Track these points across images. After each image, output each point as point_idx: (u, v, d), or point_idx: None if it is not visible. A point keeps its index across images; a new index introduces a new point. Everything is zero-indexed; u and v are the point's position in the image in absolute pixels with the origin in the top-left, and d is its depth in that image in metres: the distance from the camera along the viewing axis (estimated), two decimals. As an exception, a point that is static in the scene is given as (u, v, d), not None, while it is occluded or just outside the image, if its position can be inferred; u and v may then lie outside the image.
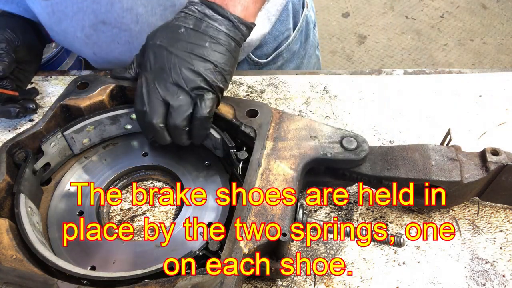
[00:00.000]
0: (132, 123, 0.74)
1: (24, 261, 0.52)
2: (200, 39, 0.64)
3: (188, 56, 0.63)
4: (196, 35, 0.64)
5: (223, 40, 0.65)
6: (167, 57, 0.64)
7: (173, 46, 0.64)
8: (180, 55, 0.63)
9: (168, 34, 0.65)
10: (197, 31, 0.64)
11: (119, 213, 0.68)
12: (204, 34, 0.64)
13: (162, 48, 0.64)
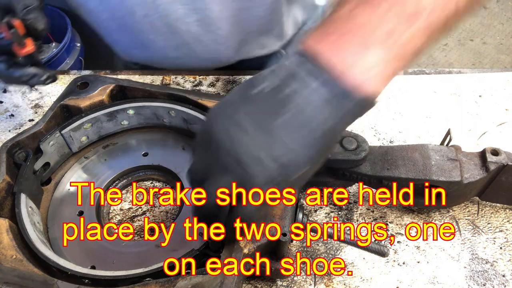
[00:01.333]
0: (128, 119, 0.74)
1: (24, 261, 0.52)
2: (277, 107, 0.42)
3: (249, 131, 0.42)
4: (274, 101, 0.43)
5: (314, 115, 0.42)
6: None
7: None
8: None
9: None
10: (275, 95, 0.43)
11: (119, 213, 0.68)
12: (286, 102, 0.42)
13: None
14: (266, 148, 0.42)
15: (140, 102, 0.72)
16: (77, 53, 1.76)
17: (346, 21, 0.43)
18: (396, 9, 0.42)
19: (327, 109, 0.42)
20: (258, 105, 0.42)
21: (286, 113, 0.42)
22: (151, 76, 0.90)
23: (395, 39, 0.42)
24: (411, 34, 0.42)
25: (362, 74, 0.42)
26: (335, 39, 0.42)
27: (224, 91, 0.87)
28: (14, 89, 0.89)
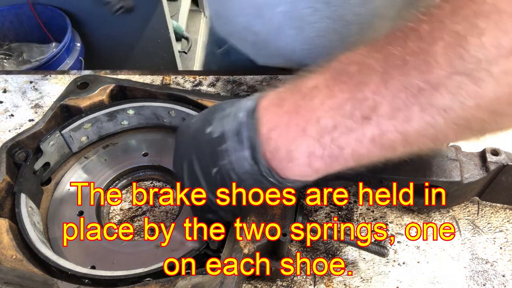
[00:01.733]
0: (128, 119, 0.74)
1: (24, 261, 0.52)
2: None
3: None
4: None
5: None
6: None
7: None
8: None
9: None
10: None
11: (119, 213, 0.68)
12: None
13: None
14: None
15: (140, 102, 0.72)
16: (77, 53, 1.76)
17: (302, 97, 0.41)
18: (350, 105, 0.37)
19: (251, 178, 0.45)
20: (204, 150, 0.47)
21: (220, 166, 0.45)
22: (151, 76, 0.90)
23: (333, 137, 0.39)
24: (354, 138, 0.38)
25: (287, 160, 0.42)
26: (280, 113, 0.42)
27: (224, 91, 0.87)
28: (14, 89, 0.89)
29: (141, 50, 1.99)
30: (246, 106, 0.45)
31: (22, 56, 1.84)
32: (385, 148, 0.38)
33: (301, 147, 0.40)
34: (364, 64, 0.37)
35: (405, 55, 0.35)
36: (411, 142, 0.37)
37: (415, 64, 0.34)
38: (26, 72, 0.94)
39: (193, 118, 0.53)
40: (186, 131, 0.52)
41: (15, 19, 1.85)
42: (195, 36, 2.71)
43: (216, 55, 1.03)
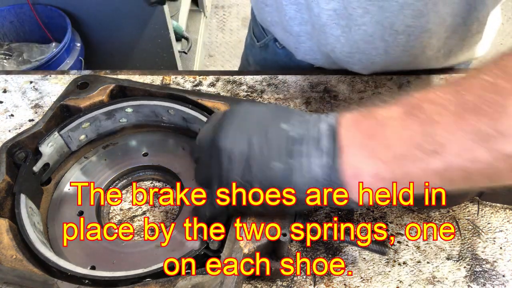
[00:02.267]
0: (127, 117, 0.74)
1: (24, 261, 0.52)
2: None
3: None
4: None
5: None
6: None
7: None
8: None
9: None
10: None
11: (119, 213, 0.68)
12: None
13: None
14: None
15: (138, 100, 0.72)
16: (77, 53, 1.76)
17: (377, 123, 0.45)
18: (421, 138, 0.41)
19: (316, 185, 0.46)
20: (273, 142, 0.47)
21: (287, 163, 0.46)
22: (151, 76, 0.90)
23: (400, 164, 0.43)
24: (419, 167, 0.42)
25: (353, 176, 0.44)
26: (357, 133, 0.45)
27: (224, 91, 0.87)
28: (14, 89, 0.89)
29: (141, 50, 1.99)
30: (328, 120, 0.48)
31: (22, 56, 1.84)
32: (445, 181, 0.42)
33: (370, 167, 0.43)
34: (438, 104, 0.41)
35: (480, 103, 0.39)
36: (471, 179, 0.42)
37: (488, 113, 0.39)
38: (26, 72, 0.94)
39: (251, 103, 0.53)
40: (248, 113, 0.51)
41: (15, 19, 1.85)
42: (195, 36, 2.71)
43: (255, 47, 1.04)
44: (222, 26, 3.05)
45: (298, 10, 0.81)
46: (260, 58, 1.05)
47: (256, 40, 1.04)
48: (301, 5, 0.79)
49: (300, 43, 0.86)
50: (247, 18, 3.04)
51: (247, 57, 1.11)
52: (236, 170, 0.48)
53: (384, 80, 0.88)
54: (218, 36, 2.98)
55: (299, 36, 0.85)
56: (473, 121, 0.39)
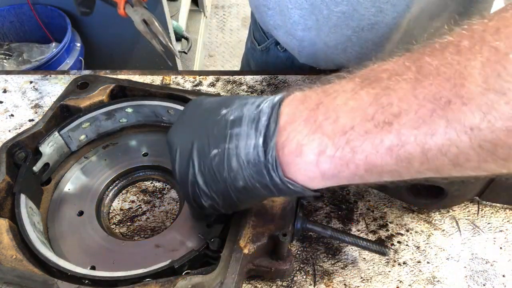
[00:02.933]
0: (127, 117, 0.74)
1: (24, 261, 0.52)
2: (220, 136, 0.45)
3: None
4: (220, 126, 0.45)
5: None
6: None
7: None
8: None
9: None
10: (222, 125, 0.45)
11: (119, 213, 0.68)
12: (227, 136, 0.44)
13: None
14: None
15: (139, 100, 0.72)
16: (77, 53, 1.76)
17: (325, 96, 0.40)
18: (373, 108, 0.36)
19: (253, 169, 0.42)
20: (211, 130, 0.45)
21: (224, 149, 0.43)
22: (151, 76, 0.90)
23: (349, 139, 0.37)
24: (370, 143, 0.36)
25: (295, 154, 0.39)
26: (302, 108, 0.41)
27: (224, 91, 0.87)
28: (14, 89, 0.89)
29: (141, 50, 1.99)
30: (271, 99, 0.44)
31: (22, 56, 1.84)
32: (401, 161, 0.36)
33: (313, 142, 0.38)
34: (395, 72, 0.36)
35: (440, 66, 0.34)
36: (430, 159, 0.35)
37: (449, 76, 0.33)
38: (26, 72, 0.94)
39: (204, 97, 0.51)
40: (196, 106, 0.50)
41: (15, 19, 1.85)
42: (195, 36, 2.71)
43: (256, 51, 1.04)
44: (222, 26, 3.05)
45: (302, 16, 0.80)
46: (261, 61, 1.05)
47: (257, 44, 1.03)
48: (305, 10, 0.79)
49: (304, 47, 0.86)
50: (247, 18, 3.04)
51: (248, 61, 1.11)
52: (184, 165, 0.46)
53: (384, 80, 0.88)
54: (218, 36, 2.98)
55: (303, 40, 0.84)
56: (432, 87, 0.33)
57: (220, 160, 0.44)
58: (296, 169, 0.40)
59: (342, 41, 0.80)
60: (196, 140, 0.46)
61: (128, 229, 0.66)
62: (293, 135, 0.40)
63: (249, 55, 1.10)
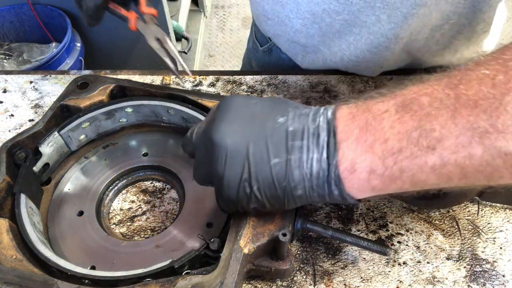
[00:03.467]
0: (127, 117, 0.74)
1: (24, 261, 0.52)
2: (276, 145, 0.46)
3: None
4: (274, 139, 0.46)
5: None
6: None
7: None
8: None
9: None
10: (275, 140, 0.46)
11: (119, 213, 0.68)
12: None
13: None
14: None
15: (138, 100, 0.72)
16: (77, 53, 1.76)
17: (373, 117, 0.43)
18: (417, 133, 0.40)
19: (315, 181, 0.45)
20: (272, 137, 0.46)
21: (287, 159, 0.45)
22: (151, 76, 0.90)
23: (397, 160, 0.42)
24: (416, 164, 0.41)
25: (349, 171, 0.44)
26: (353, 127, 0.44)
27: (224, 91, 0.87)
28: (14, 89, 0.89)
29: (141, 50, 1.99)
30: (324, 113, 0.47)
31: (22, 56, 1.84)
32: (442, 178, 0.41)
33: (365, 162, 0.43)
34: (435, 98, 0.40)
35: (478, 98, 0.38)
36: (468, 176, 0.41)
37: (485, 108, 0.38)
38: (26, 72, 0.94)
39: (245, 97, 0.51)
40: (243, 106, 0.49)
41: (15, 19, 1.85)
42: (195, 36, 2.71)
43: (259, 51, 1.05)
44: (222, 26, 3.05)
45: (304, 25, 0.81)
46: (264, 62, 1.05)
47: (259, 45, 1.04)
48: (307, 20, 0.79)
49: (306, 54, 0.87)
50: (247, 18, 3.04)
51: (250, 61, 1.11)
52: (236, 168, 0.46)
53: (384, 80, 0.88)
54: (218, 36, 2.98)
55: (306, 47, 0.85)
56: (470, 117, 0.38)
57: (281, 170, 0.45)
58: (350, 184, 0.44)
59: (344, 48, 0.80)
60: (252, 145, 0.46)
61: (128, 229, 0.66)
62: (348, 153, 0.43)
63: (251, 55, 1.11)
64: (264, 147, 0.46)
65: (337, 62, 0.84)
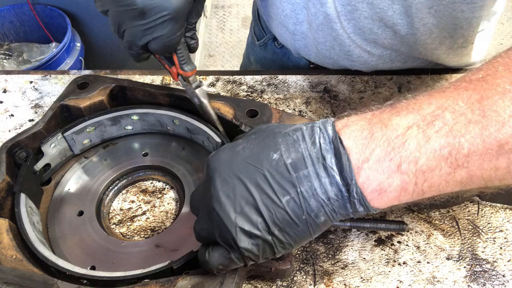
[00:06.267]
0: (132, 124, 0.74)
1: (24, 261, 0.52)
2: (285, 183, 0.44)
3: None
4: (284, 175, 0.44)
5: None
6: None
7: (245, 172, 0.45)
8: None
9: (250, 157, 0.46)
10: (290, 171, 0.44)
11: (119, 213, 0.68)
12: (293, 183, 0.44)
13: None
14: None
15: (144, 108, 0.71)
16: (77, 53, 1.76)
17: (395, 135, 0.42)
18: (447, 151, 0.41)
19: (335, 203, 0.44)
20: (271, 178, 0.44)
21: (298, 193, 0.43)
22: (151, 76, 0.90)
23: (427, 177, 0.42)
24: (445, 179, 0.42)
25: (378, 192, 0.43)
26: (372, 146, 0.43)
27: (224, 91, 0.87)
28: (14, 89, 0.89)
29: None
30: (322, 131, 0.45)
31: (22, 56, 1.84)
32: (465, 187, 0.43)
33: (395, 182, 0.42)
34: (460, 113, 0.41)
35: (506, 115, 0.39)
36: (489, 184, 0.43)
37: (509, 122, 0.39)
38: (26, 72, 0.94)
39: (230, 146, 0.48)
40: (231, 157, 0.46)
41: (15, 19, 1.85)
42: (195, 36, 2.70)
43: (256, 46, 1.05)
44: (222, 26, 3.05)
45: (294, 10, 0.81)
46: (260, 57, 1.06)
47: (256, 39, 1.04)
48: (297, 5, 0.80)
49: (296, 40, 0.88)
50: (247, 18, 3.04)
51: (249, 56, 1.12)
52: (250, 224, 0.44)
53: (384, 80, 0.88)
54: (218, 36, 2.98)
55: (294, 34, 0.86)
56: (497, 134, 0.39)
57: (295, 205, 0.43)
58: (379, 203, 0.44)
59: (329, 40, 0.81)
60: (256, 192, 0.44)
61: (128, 229, 0.66)
62: (374, 176, 0.42)
63: (249, 50, 1.12)
64: (270, 190, 0.44)
65: (328, 50, 0.83)
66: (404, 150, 0.41)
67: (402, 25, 0.75)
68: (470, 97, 0.41)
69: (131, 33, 0.59)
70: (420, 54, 0.82)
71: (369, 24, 0.76)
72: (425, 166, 0.41)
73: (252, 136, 0.48)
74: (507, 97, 0.40)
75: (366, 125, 0.44)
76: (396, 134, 0.42)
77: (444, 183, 0.42)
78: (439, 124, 0.41)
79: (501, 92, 0.40)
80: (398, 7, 0.72)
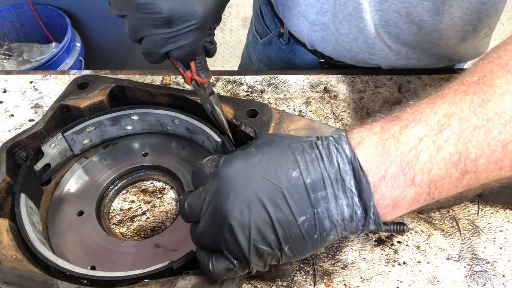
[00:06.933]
0: (132, 124, 0.74)
1: (24, 261, 0.52)
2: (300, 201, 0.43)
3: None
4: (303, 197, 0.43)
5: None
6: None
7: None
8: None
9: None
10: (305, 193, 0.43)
11: (119, 213, 0.68)
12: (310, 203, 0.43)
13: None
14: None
15: (144, 108, 0.72)
16: (77, 53, 1.76)
17: (408, 149, 0.43)
18: (456, 158, 0.42)
19: (348, 225, 0.44)
20: (291, 196, 0.43)
21: (314, 213, 0.43)
22: (151, 76, 0.90)
23: (438, 186, 0.43)
24: (454, 185, 0.44)
25: (392, 207, 0.44)
26: (387, 163, 0.43)
27: (224, 91, 0.87)
28: (14, 89, 0.89)
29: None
30: (342, 151, 0.44)
31: (22, 56, 1.84)
32: (471, 188, 0.45)
33: (409, 195, 0.43)
34: (466, 120, 0.42)
35: (507, 117, 0.41)
36: (491, 182, 0.45)
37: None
38: (26, 72, 0.94)
39: (244, 156, 0.45)
40: (245, 171, 0.44)
41: (15, 19, 1.85)
42: (195, 36, 2.70)
43: (258, 44, 1.04)
44: (222, 26, 3.05)
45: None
46: (263, 55, 1.05)
47: (259, 37, 1.03)
48: None
49: (314, 32, 0.86)
50: (247, 18, 3.04)
51: (250, 55, 1.11)
52: (264, 241, 0.43)
53: (384, 80, 0.88)
54: (218, 36, 2.98)
55: (314, 24, 0.84)
56: (501, 135, 0.41)
57: (310, 225, 0.43)
58: (391, 217, 0.45)
59: (354, 31, 0.80)
60: (272, 209, 0.42)
61: (128, 229, 0.66)
62: (389, 193, 0.43)
63: (250, 49, 1.10)
64: (287, 209, 0.42)
65: (350, 42, 0.82)
66: (418, 163, 0.42)
67: (429, 22, 0.74)
68: (472, 101, 0.42)
69: (153, 41, 0.57)
70: (441, 49, 0.82)
71: (395, 17, 0.76)
72: (436, 175, 0.42)
73: (267, 148, 0.46)
74: (506, 98, 0.41)
75: (379, 141, 0.44)
76: (409, 148, 0.43)
77: (453, 188, 0.44)
78: (447, 133, 0.42)
79: (500, 93, 0.41)
80: (428, 4, 0.72)
